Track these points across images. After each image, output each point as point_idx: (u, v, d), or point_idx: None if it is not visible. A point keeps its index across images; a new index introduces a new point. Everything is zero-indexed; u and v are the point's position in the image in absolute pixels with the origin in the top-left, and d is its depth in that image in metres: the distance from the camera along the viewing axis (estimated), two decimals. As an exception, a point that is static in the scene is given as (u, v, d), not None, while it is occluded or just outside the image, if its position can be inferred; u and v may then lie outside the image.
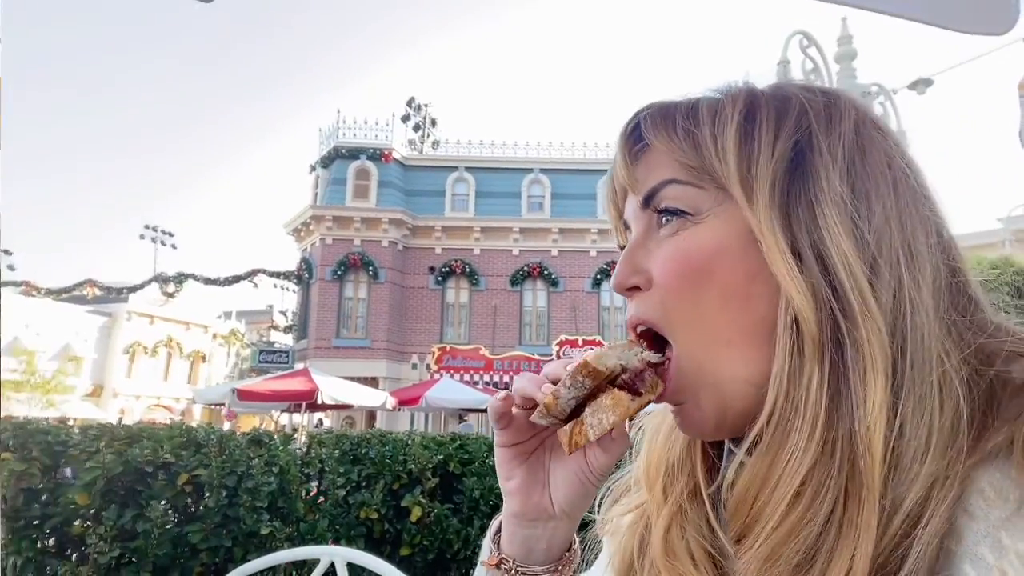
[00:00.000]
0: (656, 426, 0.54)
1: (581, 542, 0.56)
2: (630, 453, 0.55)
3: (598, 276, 18.89)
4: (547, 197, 19.67)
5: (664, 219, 0.45)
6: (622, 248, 0.50)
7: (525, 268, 18.91)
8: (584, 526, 0.56)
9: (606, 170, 0.52)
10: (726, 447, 0.47)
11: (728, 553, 0.43)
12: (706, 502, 0.46)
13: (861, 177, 0.40)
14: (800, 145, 0.42)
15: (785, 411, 0.37)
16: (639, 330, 0.46)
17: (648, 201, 0.46)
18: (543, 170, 19.94)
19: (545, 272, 18.87)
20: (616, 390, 0.43)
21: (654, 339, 0.46)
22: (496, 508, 4.32)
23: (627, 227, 0.50)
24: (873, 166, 0.41)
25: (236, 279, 18.94)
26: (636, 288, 0.46)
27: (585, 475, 0.48)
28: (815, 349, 0.37)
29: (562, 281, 18.93)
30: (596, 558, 0.58)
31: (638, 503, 0.53)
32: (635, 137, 0.48)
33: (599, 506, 0.56)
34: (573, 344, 16.83)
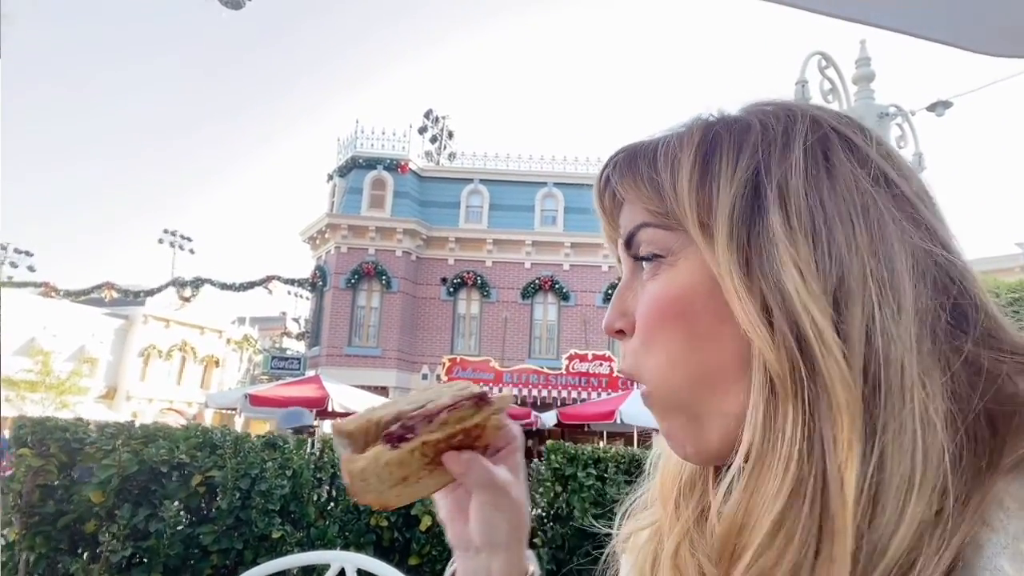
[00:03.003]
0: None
1: (600, 559, 0.56)
2: (651, 469, 0.55)
3: (609, 291, 18.76)
4: (560, 211, 19.71)
5: (643, 263, 0.46)
6: None
7: (536, 281, 18.92)
8: (601, 544, 0.56)
9: None
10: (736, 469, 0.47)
11: None
12: (716, 522, 0.46)
13: (819, 207, 0.38)
14: (757, 179, 0.40)
15: (761, 450, 0.37)
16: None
17: (628, 244, 0.47)
18: (557, 184, 20.01)
19: (556, 286, 18.86)
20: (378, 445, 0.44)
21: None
22: (505, 520, 4.32)
23: (618, 260, 0.51)
24: (837, 191, 0.39)
25: (251, 285, 19.11)
26: (621, 332, 0.46)
27: (481, 504, 0.48)
28: (786, 390, 0.36)
29: (573, 295, 18.90)
30: (616, 575, 0.58)
31: (653, 520, 0.53)
32: (609, 188, 0.49)
33: (618, 523, 0.56)
34: (583, 358, 16.74)
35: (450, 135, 26.18)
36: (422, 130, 25.34)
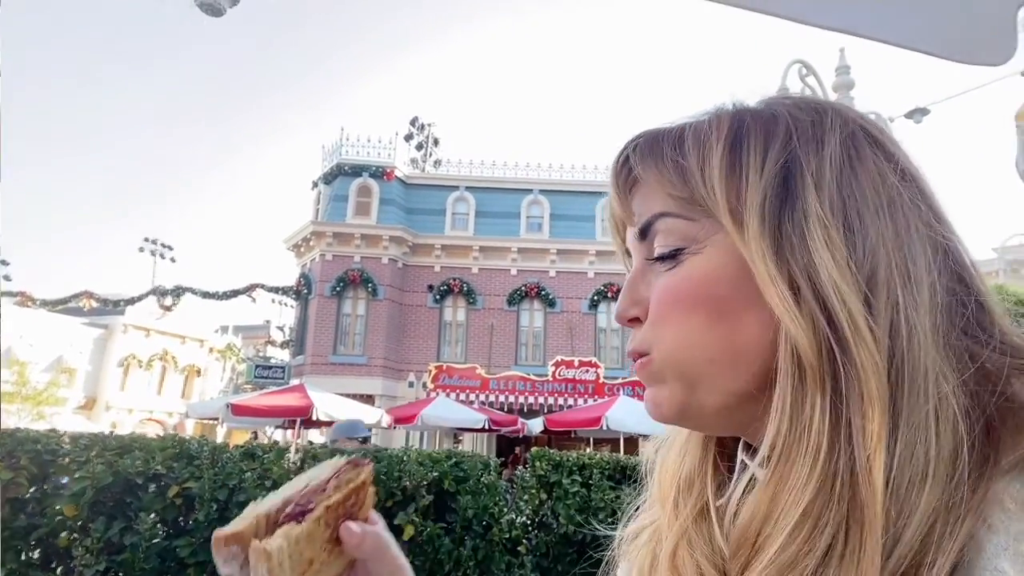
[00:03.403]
0: (668, 443, 0.54)
1: (601, 561, 0.56)
2: (648, 472, 0.55)
3: (595, 297, 18.90)
4: (546, 218, 19.78)
5: (660, 256, 0.45)
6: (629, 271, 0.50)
7: (523, 288, 18.93)
8: (586, 551, 0.55)
9: (605, 193, 0.52)
10: (738, 464, 0.47)
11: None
12: (715, 520, 0.46)
13: (852, 198, 0.39)
14: (788, 168, 0.41)
15: (788, 441, 0.37)
16: (637, 360, 0.47)
17: (644, 234, 0.46)
18: (542, 191, 20.09)
19: (542, 292, 18.89)
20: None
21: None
22: (489, 528, 4.27)
23: (630, 254, 0.50)
24: (865, 185, 0.40)
25: (234, 293, 18.89)
26: (636, 319, 0.46)
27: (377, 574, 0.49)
28: (816, 378, 0.36)
29: (559, 302, 18.93)
30: None
31: (651, 521, 0.53)
32: (627, 169, 0.48)
33: (621, 530, 0.56)
34: (569, 365, 16.76)
35: (436, 142, 26.20)
36: (408, 137, 25.33)
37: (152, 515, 2.90)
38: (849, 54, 5.39)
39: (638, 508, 0.56)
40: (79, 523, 2.90)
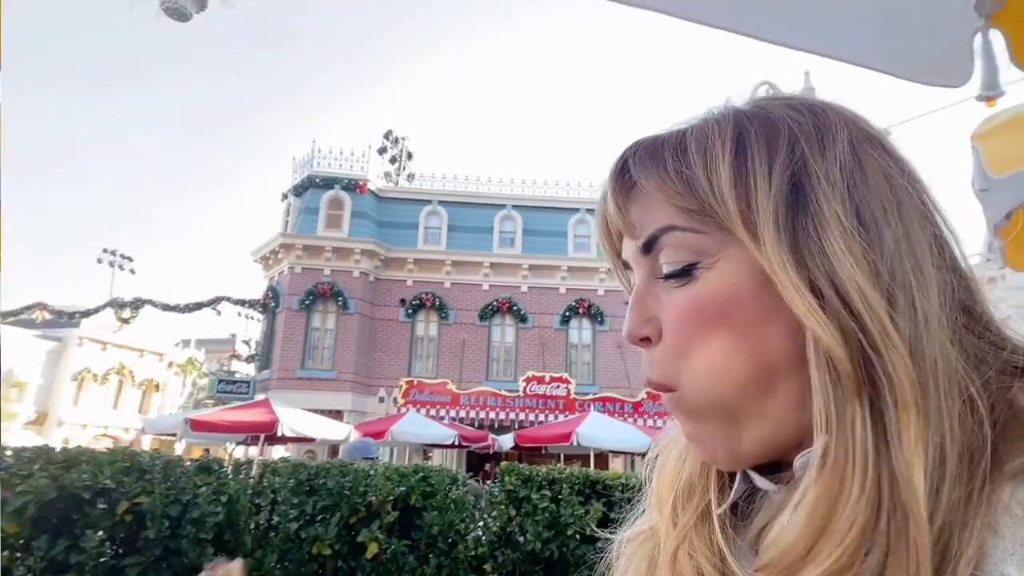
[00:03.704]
0: (668, 446, 0.52)
1: (599, 563, 0.55)
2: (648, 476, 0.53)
3: (567, 313, 18.96)
4: (519, 233, 19.84)
5: (669, 272, 0.43)
6: (626, 283, 0.48)
7: (495, 303, 18.88)
8: (570, 564, 0.54)
9: (577, 209, 0.50)
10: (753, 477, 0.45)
11: None
12: (716, 525, 0.45)
13: (864, 200, 0.39)
14: (797, 173, 0.40)
15: (836, 453, 0.36)
16: (664, 395, 0.44)
17: (649, 247, 0.44)
18: (515, 206, 20.18)
19: (514, 308, 18.87)
20: None
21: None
22: (454, 545, 4.20)
23: (626, 266, 0.48)
24: (874, 188, 0.39)
25: (198, 306, 18.35)
26: (647, 339, 0.43)
27: None
28: (853, 387, 0.36)
29: (531, 317, 18.93)
30: None
31: (649, 525, 0.52)
32: (625, 177, 0.45)
33: (620, 542, 0.55)
34: (540, 380, 16.73)
35: (409, 156, 26.19)
36: (381, 151, 25.27)
37: (100, 532, 2.76)
38: (814, 78, 5.59)
39: (636, 518, 0.55)
40: (21, 541, 2.74)
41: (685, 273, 0.41)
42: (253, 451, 11.04)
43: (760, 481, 0.43)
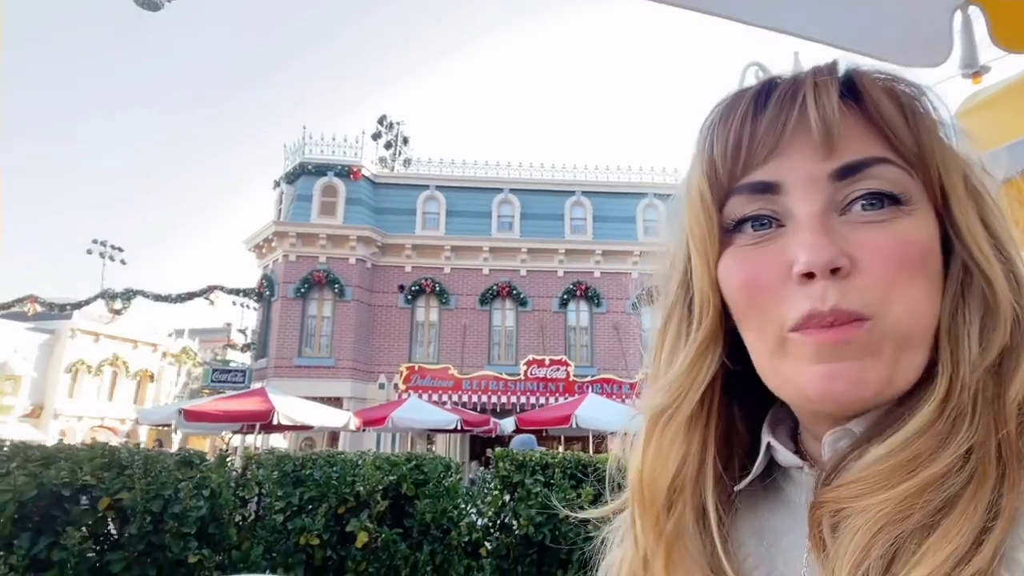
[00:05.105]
0: (641, 443, 0.48)
1: (564, 562, 0.50)
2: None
3: (565, 296, 18.92)
4: (516, 217, 19.72)
5: (868, 202, 0.40)
6: (751, 205, 0.44)
7: (494, 287, 18.83)
8: (545, 551, 0.48)
9: (573, 192, 0.44)
10: (768, 444, 0.46)
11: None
12: (713, 525, 0.44)
13: (975, 163, 0.43)
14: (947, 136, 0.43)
15: (972, 388, 0.38)
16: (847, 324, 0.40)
17: (849, 172, 0.40)
18: (513, 190, 20.03)
19: (514, 292, 18.83)
20: None
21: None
22: (447, 532, 4.18)
23: (765, 189, 0.43)
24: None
25: (190, 296, 18.27)
26: (837, 269, 0.39)
27: None
28: (1007, 329, 0.39)
29: (530, 301, 18.89)
30: None
31: (630, 527, 0.49)
32: (849, 86, 0.43)
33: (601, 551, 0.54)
34: (540, 364, 16.75)
35: (405, 141, 25.97)
36: (376, 136, 25.05)
37: (82, 529, 2.72)
38: (803, 59, 5.49)
39: (618, 526, 0.53)
40: (2, 539, 2.71)
41: (889, 210, 0.41)
42: (251, 439, 11.07)
43: (786, 456, 0.44)
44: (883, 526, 0.34)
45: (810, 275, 0.39)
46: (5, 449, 2.81)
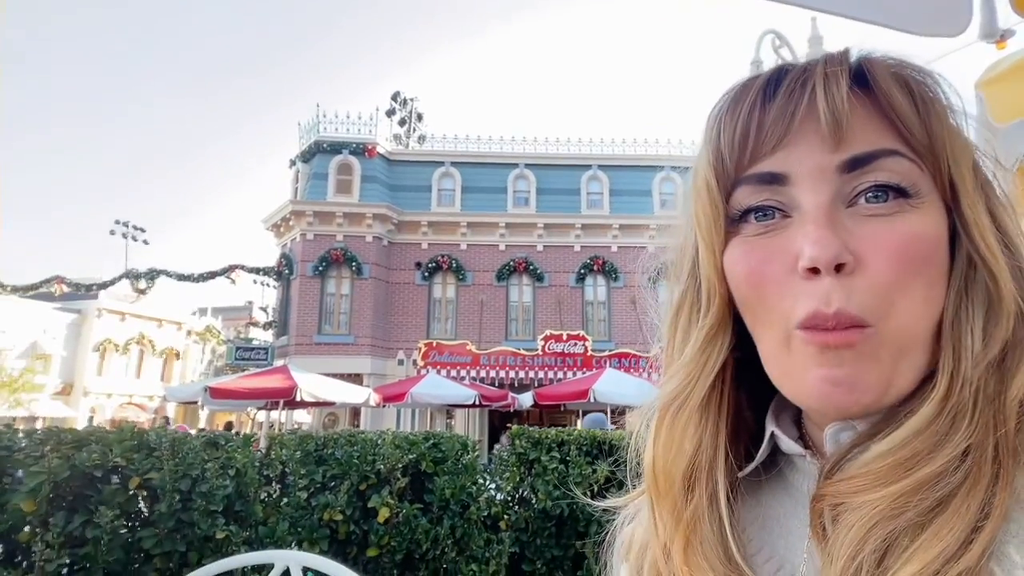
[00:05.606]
0: (655, 427, 0.49)
1: (581, 534, 0.52)
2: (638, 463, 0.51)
3: (582, 271, 18.85)
4: (532, 192, 19.58)
5: (874, 194, 0.40)
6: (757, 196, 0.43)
7: (511, 263, 18.82)
8: (579, 519, 0.50)
9: (589, 165, 0.43)
10: (772, 435, 0.46)
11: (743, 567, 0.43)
12: (723, 510, 0.44)
13: (987, 158, 0.43)
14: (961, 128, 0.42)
15: (973, 384, 0.37)
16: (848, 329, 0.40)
17: (858, 164, 0.40)
18: (528, 165, 19.85)
19: (531, 267, 18.81)
20: None
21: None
22: (467, 507, 4.27)
23: (773, 180, 0.42)
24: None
25: (211, 275, 18.55)
26: (841, 266, 0.39)
27: None
28: (1011, 323, 0.39)
29: (547, 276, 18.87)
30: None
31: (645, 520, 0.50)
32: (859, 75, 0.41)
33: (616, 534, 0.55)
34: (558, 339, 16.79)
35: (419, 117, 25.76)
36: (390, 113, 24.87)
37: (114, 508, 2.83)
38: (820, 25, 5.27)
39: (634, 511, 0.54)
40: (39, 518, 2.83)
41: (896, 203, 0.40)
42: (275, 415, 11.33)
43: (789, 445, 0.45)
44: (877, 522, 0.35)
45: (815, 270, 0.39)
46: (38, 433, 2.92)
